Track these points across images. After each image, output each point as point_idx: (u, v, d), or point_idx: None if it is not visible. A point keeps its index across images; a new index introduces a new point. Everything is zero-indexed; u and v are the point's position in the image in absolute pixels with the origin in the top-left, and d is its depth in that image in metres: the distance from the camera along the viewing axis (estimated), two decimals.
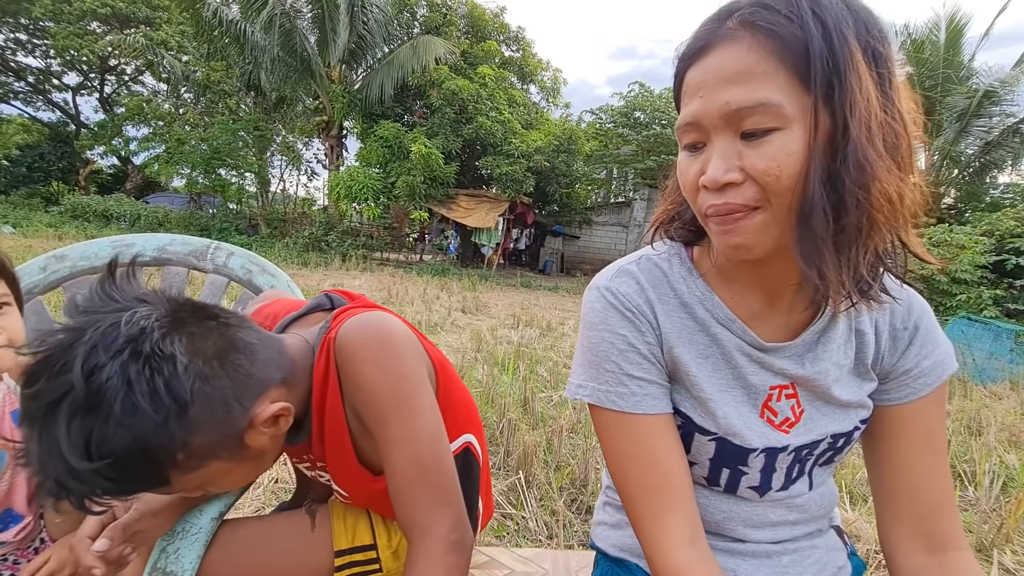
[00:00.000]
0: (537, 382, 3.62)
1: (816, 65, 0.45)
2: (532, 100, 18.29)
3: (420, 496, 0.62)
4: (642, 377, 0.61)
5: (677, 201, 0.65)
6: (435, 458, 0.63)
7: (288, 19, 13.55)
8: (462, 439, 0.80)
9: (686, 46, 0.53)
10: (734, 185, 0.49)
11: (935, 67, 11.53)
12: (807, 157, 0.46)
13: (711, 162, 0.50)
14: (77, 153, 22.64)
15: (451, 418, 0.75)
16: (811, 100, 0.46)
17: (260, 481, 1.94)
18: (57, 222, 14.66)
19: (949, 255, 8.75)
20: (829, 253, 0.48)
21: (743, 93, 0.47)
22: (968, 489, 2.41)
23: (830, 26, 0.45)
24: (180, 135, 18.26)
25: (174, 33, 19.43)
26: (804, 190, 0.47)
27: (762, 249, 0.51)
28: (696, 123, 0.51)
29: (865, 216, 0.47)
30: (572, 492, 2.13)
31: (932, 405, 0.62)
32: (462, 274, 13.07)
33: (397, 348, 0.66)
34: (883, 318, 0.63)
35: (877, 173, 0.46)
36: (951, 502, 0.62)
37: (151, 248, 1.15)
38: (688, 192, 0.55)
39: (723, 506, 0.66)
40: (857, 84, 0.45)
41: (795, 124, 0.46)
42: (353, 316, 0.68)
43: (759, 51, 0.47)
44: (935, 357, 0.62)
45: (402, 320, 0.73)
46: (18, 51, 21.80)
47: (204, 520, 0.75)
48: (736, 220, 0.50)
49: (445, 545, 0.60)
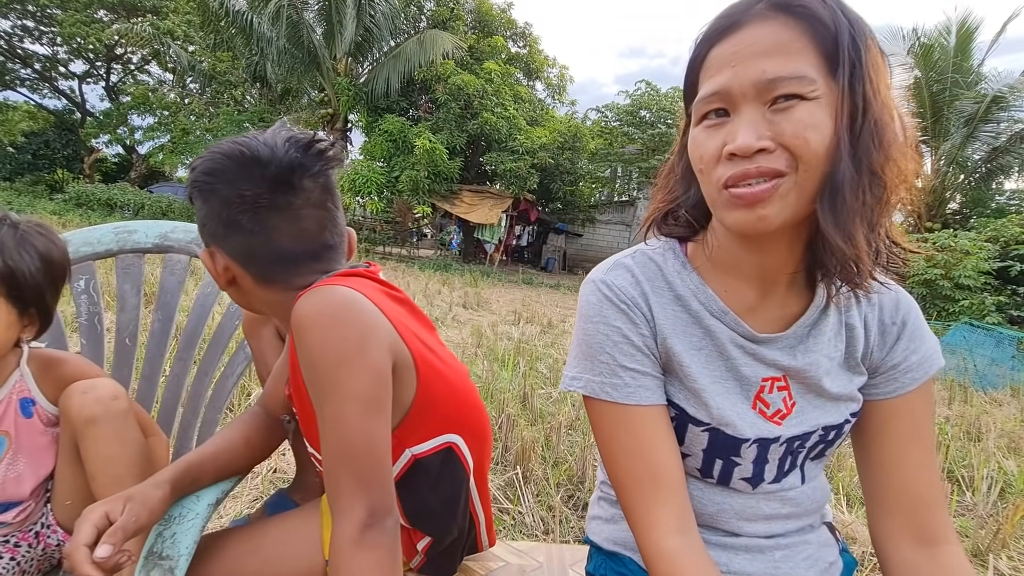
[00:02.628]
0: (537, 378, 3.62)
1: (844, 50, 0.49)
2: (538, 97, 18.26)
3: (343, 479, 0.61)
4: (636, 369, 0.62)
5: (669, 198, 0.66)
6: (365, 444, 0.62)
7: (295, 11, 13.54)
8: (442, 439, 0.77)
9: (711, 26, 0.54)
10: (765, 152, 0.50)
11: (944, 71, 11.46)
12: (835, 131, 0.49)
13: (741, 130, 0.50)
14: (82, 141, 22.68)
15: (430, 416, 0.74)
16: (839, 80, 0.49)
17: (258, 470, 1.95)
18: (61, 210, 14.68)
19: (953, 260, 8.72)
20: (859, 222, 0.51)
21: (779, 64, 0.49)
22: (966, 494, 2.41)
23: (853, 20, 0.50)
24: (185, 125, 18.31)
25: (181, 23, 19.42)
26: (834, 162, 0.49)
27: (780, 219, 0.51)
28: (725, 91, 0.52)
29: (884, 192, 0.51)
30: (569, 488, 2.14)
31: (919, 400, 0.63)
32: (464, 270, 13.07)
33: (344, 329, 0.63)
34: (872, 313, 0.64)
35: (893, 154, 0.50)
36: (940, 496, 0.63)
37: (153, 235, 1.16)
38: (706, 164, 0.54)
39: (716, 498, 0.67)
40: (875, 73, 0.50)
41: (823, 99, 0.49)
42: (317, 289, 0.66)
43: (792, 30, 0.50)
44: (922, 352, 0.64)
45: (381, 303, 0.70)
46: (25, 38, 21.85)
47: (200, 505, 0.76)
48: (761, 194, 0.50)
49: (359, 530, 0.59)
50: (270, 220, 0.68)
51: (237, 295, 0.77)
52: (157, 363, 1.16)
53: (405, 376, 0.70)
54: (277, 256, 0.70)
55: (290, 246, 0.70)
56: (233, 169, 0.67)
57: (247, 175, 0.67)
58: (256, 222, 0.68)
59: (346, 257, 0.80)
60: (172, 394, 1.16)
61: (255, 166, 0.67)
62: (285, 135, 0.70)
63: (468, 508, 0.85)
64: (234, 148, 0.68)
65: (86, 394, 0.80)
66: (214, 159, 0.68)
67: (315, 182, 0.70)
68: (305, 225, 0.70)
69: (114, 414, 0.80)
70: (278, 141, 0.69)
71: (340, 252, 0.77)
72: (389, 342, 0.67)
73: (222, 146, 0.69)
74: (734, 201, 0.52)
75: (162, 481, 0.71)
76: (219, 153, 0.68)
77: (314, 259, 0.73)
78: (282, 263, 0.71)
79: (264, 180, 0.67)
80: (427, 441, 0.76)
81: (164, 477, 0.72)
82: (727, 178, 0.52)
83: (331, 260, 0.75)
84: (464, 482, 0.82)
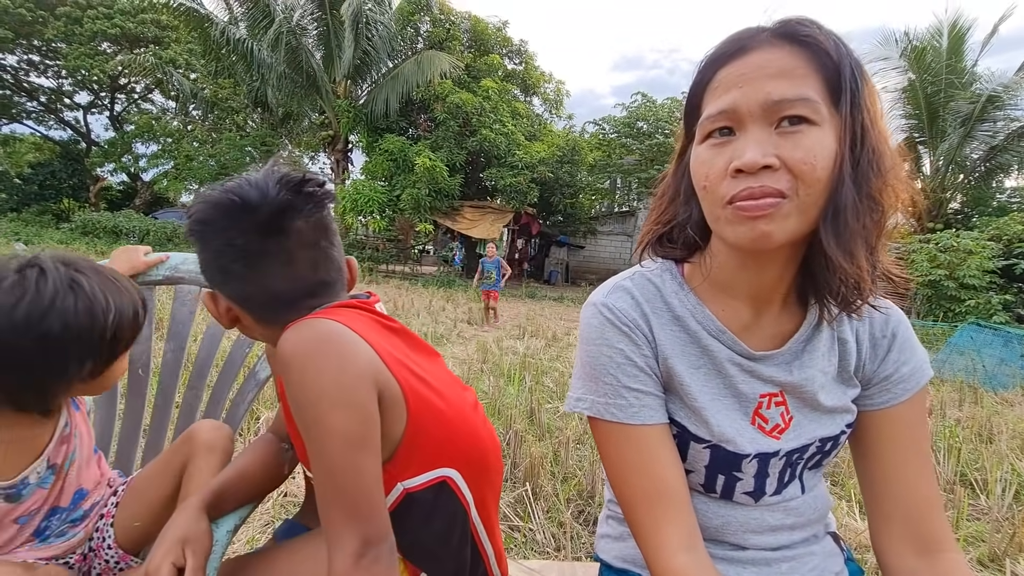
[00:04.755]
0: (543, 393, 3.62)
1: (847, 80, 0.51)
2: (535, 112, 18.44)
3: (334, 511, 0.62)
4: (639, 389, 0.63)
5: (664, 220, 0.68)
6: (351, 478, 0.62)
7: (294, 37, 13.78)
8: (436, 473, 0.74)
9: (716, 50, 0.57)
10: (770, 170, 0.51)
11: (938, 73, 11.54)
12: (839, 156, 0.52)
13: (748, 148, 0.52)
14: (88, 170, 22.99)
15: (422, 450, 0.72)
16: (841, 108, 0.52)
17: (270, 496, 1.96)
18: (68, 238, 14.86)
19: (956, 260, 8.69)
20: (860, 243, 0.53)
21: (785, 87, 0.51)
22: (980, 498, 2.39)
23: (850, 52, 0.53)
24: (188, 151, 18.55)
25: (183, 52, 19.82)
26: (837, 187, 0.52)
27: (781, 238, 0.53)
28: (732, 110, 0.53)
29: (881, 216, 0.54)
30: (579, 504, 2.13)
31: (913, 410, 0.65)
32: (467, 285, 13.10)
33: (323, 362, 0.62)
34: (863, 327, 0.67)
35: (890, 180, 0.53)
36: (938, 504, 0.64)
37: (164, 268, 1.18)
38: (712, 181, 0.55)
39: (721, 511, 0.68)
40: (872, 104, 0.53)
41: (826, 124, 0.51)
42: (300, 323, 0.66)
43: (798, 57, 0.52)
44: (913, 363, 0.66)
45: (369, 334, 0.69)
46: (31, 72, 22.29)
47: (220, 533, 0.78)
48: (765, 207, 0.51)
49: (354, 559, 0.60)
50: (262, 265, 0.69)
51: (244, 331, 0.79)
52: (170, 392, 1.19)
53: (393, 409, 0.68)
54: (272, 298, 0.71)
55: (284, 288, 0.71)
56: (223, 219, 0.68)
57: (236, 223, 0.68)
58: (248, 268, 0.69)
59: (346, 288, 0.80)
60: (185, 421, 1.18)
61: (244, 212, 0.67)
62: (278, 175, 0.70)
63: (473, 541, 0.82)
64: (223, 197, 0.68)
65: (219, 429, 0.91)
66: (204, 210, 0.69)
67: (307, 222, 0.70)
68: (298, 267, 0.71)
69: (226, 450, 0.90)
70: (270, 183, 0.69)
71: (337, 286, 0.77)
72: (372, 374, 0.65)
73: (213, 194, 0.69)
74: (738, 215, 0.53)
75: (200, 513, 0.74)
76: (209, 203, 0.69)
77: (310, 296, 0.73)
78: (278, 304, 0.72)
79: (254, 226, 0.67)
80: (419, 475, 0.73)
81: (198, 507, 0.75)
82: (732, 195, 0.53)
83: (328, 295, 0.75)
84: (461, 517, 0.78)
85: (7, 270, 0.70)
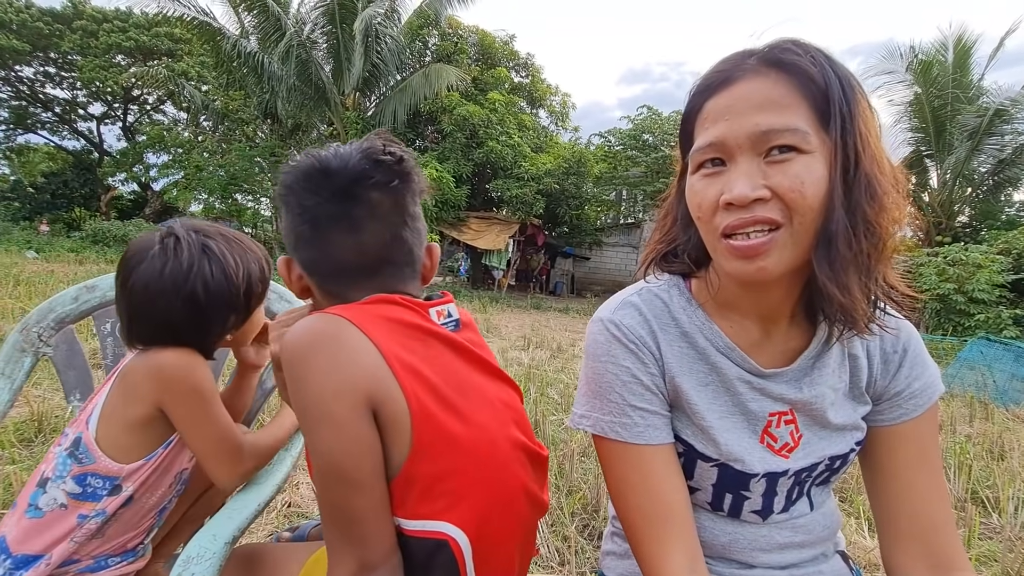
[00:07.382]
0: (548, 404, 3.60)
1: (836, 105, 0.50)
2: (541, 124, 18.57)
3: (329, 530, 0.61)
4: (645, 408, 0.63)
5: (667, 239, 0.68)
6: (340, 504, 0.59)
7: (304, 50, 13.97)
8: (436, 526, 0.61)
9: (704, 80, 0.57)
10: (762, 201, 0.51)
11: (944, 87, 11.54)
12: (829, 183, 0.51)
13: (738, 180, 0.52)
14: (99, 180, 23.27)
15: (424, 488, 0.61)
16: (831, 134, 0.51)
17: (273, 505, 1.95)
18: (78, 247, 14.99)
19: (965, 274, 8.62)
20: (853, 272, 0.52)
21: (772, 117, 0.51)
22: (992, 516, 2.35)
23: (842, 75, 0.52)
24: (199, 162, 18.73)
25: (195, 64, 20.11)
26: (828, 214, 0.51)
27: (779, 269, 0.53)
28: (720, 143, 0.54)
29: (878, 241, 0.52)
30: (584, 518, 2.11)
31: (925, 426, 0.64)
32: (473, 296, 13.11)
33: (314, 371, 0.58)
34: (874, 343, 0.66)
35: (886, 203, 0.52)
36: (951, 522, 0.63)
37: None
38: (704, 213, 0.56)
39: (728, 529, 0.67)
40: (865, 127, 0.52)
41: (816, 152, 0.51)
42: (308, 319, 0.63)
43: (785, 85, 0.52)
44: (925, 379, 0.65)
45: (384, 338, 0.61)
46: (47, 83, 22.69)
47: (218, 545, 0.77)
48: (759, 247, 0.52)
49: None
50: (329, 230, 0.68)
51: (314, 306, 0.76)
52: None
53: (396, 426, 0.59)
54: (335, 268, 0.70)
55: (347, 258, 0.69)
56: (301, 181, 0.69)
57: (313, 187, 0.68)
58: (316, 233, 0.68)
59: (421, 278, 0.77)
60: None
61: (322, 177, 0.67)
62: (365, 145, 0.69)
63: None
64: (306, 160, 0.69)
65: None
66: (289, 172, 0.70)
67: (382, 194, 0.68)
68: (363, 238, 0.68)
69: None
70: (354, 151, 0.69)
71: (406, 272, 0.73)
72: (366, 385, 0.58)
73: (303, 160, 0.70)
74: (733, 252, 0.53)
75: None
76: (296, 168, 0.70)
77: (371, 274, 0.70)
78: (339, 276, 0.71)
79: (327, 191, 0.67)
80: (416, 520, 0.61)
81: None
82: (725, 227, 0.53)
83: (391, 278, 0.71)
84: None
85: (153, 241, 0.81)
